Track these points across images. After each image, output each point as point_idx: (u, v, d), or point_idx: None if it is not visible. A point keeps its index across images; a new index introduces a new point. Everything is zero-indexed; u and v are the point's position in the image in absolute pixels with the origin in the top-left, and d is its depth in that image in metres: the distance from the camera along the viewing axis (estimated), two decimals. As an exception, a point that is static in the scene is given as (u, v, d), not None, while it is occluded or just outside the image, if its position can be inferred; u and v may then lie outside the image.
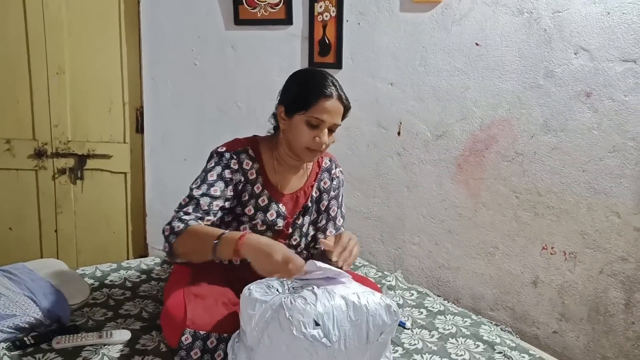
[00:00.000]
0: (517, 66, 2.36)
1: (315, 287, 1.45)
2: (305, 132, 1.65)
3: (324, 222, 1.88)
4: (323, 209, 1.87)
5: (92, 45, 2.65)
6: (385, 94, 2.58)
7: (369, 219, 2.72)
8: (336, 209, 1.90)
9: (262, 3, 2.58)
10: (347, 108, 1.70)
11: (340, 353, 1.39)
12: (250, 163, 1.72)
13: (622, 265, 2.28)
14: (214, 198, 1.65)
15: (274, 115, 1.78)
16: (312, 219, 1.84)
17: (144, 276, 2.13)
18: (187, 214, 1.61)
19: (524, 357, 1.73)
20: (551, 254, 2.41)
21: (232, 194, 1.69)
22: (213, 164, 1.70)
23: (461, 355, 1.71)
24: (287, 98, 1.70)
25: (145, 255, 2.80)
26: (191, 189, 1.66)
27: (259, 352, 1.40)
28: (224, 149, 1.73)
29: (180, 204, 1.65)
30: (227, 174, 1.69)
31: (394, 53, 2.53)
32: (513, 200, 2.45)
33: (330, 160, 1.90)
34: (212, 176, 1.68)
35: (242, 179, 1.71)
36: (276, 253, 1.39)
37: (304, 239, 1.83)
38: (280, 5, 2.57)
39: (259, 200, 1.73)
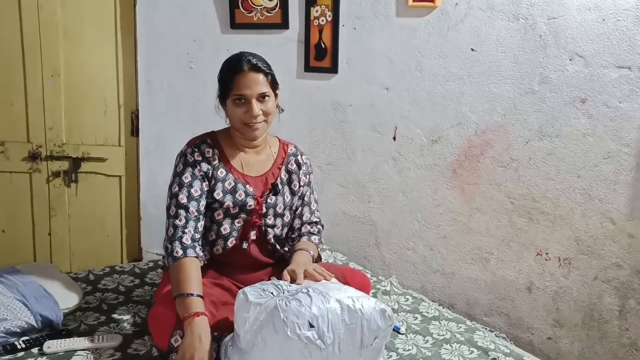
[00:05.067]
0: (513, 72, 2.36)
1: (310, 290, 1.45)
2: (236, 110, 1.75)
3: (299, 208, 1.94)
4: (295, 189, 1.91)
5: (87, 48, 2.64)
6: (381, 98, 2.58)
7: (363, 224, 2.71)
8: (309, 194, 1.96)
9: (259, 7, 2.58)
10: (268, 74, 1.77)
11: (334, 356, 1.39)
12: (210, 150, 1.81)
13: (616, 271, 2.28)
14: (198, 199, 1.75)
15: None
16: (286, 201, 1.88)
17: (137, 280, 2.12)
18: (184, 231, 1.69)
19: (518, 363, 1.73)
20: (546, 259, 2.41)
21: (207, 188, 1.78)
22: (182, 166, 1.79)
23: (455, 361, 1.71)
24: (218, 89, 1.82)
25: (140, 259, 2.79)
26: (175, 195, 1.74)
27: (253, 355, 1.39)
28: (186, 147, 1.83)
29: (169, 214, 1.74)
30: (197, 170, 1.77)
31: (390, 58, 2.53)
32: (508, 206, 2.45)
33: (295, 147, 1.97)
34: (186, 178, 1.76)
35: (208, 166, 1.79)
36: (186, 351, 1.45)
37: (279, 220, 1.87)
38: (276, 10, 2.57)
39: (226, 184, 1.79)
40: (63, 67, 2.64)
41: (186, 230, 1.69)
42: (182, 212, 1.71)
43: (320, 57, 2.59)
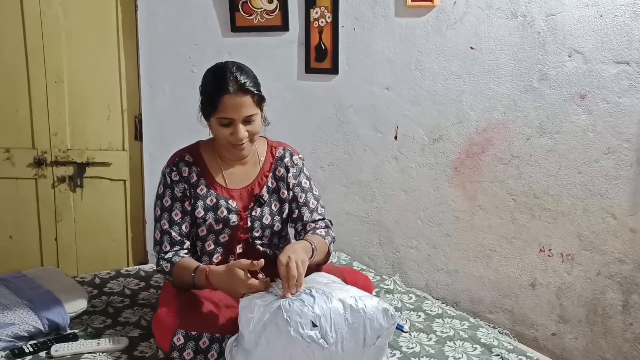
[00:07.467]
0: (512, 69, 2.37)
1: (313, 290, 1.47)
2: (221, 131, 1.70)
3: (297, 211, 1.86)
4: (283, 197, 1.85)
5: (90, 54, 2.66)
6: (382, 98, 2.59)
7: (367, 223, 2.73)
8: (304, 194, 1.87)
9: (259, 10, 2.59)
10: (255, 95, 1.68)
11: (337, 355, 1.40)
12: (187, 169, 1.78)
13: (619, 266, 2.28)
14: (180, 223, 1.76)
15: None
16: (274, 210, 1.83)
17: (142, 283, 2.14)
18: (166, 252, 1.74)
19: (521, 359, 1.73)
20: (548, 256, 2.41)
21: (189, 207, 1.77)
22: (162, 188, 1.79)
23: (459, 358, 1.72)
24: (200, 103, 1.75)
25: (145, 262, 2.81)
26: (158, 220, 1.77)
27: (257, 355, 1.41)
28: (165, 166, 1.80)
29: (155, 239, 1.78)
30: (176, 191, 1.76)
31: (390, 58, 2.54)
32: (510, 203, 2.46)
33: (284, 149, 1.89)
34: (167, 202, 1.77)
35: (186, 185, 1.77)
36: (230, 289, 1.57)
37: (267, 230, 1.82)
38: (276, 12, 2.58)
39: (207, 201, 1.77)
40: (66, 73, 2.66)
41: (171, 252, 1.74)
42: (165, 237, 1.75)
43: (321, 58, 2.60)
